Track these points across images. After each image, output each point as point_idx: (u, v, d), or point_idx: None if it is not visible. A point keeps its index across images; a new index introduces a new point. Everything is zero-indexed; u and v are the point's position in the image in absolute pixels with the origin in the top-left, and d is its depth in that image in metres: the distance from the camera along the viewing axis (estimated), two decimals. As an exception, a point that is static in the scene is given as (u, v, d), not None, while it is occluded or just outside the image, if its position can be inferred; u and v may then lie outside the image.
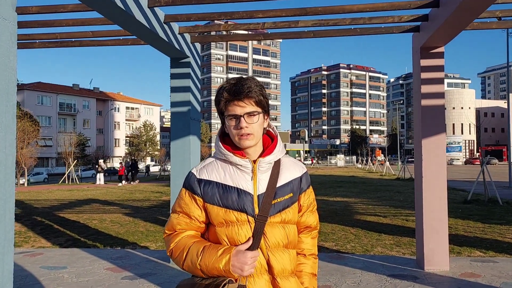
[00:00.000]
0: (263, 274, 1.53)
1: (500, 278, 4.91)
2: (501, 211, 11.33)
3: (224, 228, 1.54)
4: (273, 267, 1.55)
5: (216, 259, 1.47)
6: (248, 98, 1.54)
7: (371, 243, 7.51)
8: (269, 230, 1.55)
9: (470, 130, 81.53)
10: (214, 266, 1.46)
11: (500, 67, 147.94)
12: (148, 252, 6.68)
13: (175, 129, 5.87)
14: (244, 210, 1.53)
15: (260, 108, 1.57)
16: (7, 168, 2.44)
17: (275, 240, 1.55)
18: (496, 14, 4.93)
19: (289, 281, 1.57)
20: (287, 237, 1.59)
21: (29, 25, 4.95)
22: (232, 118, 1.55)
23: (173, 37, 5.23)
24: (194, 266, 1.50)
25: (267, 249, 1.54)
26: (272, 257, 1.55)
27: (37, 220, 10.89)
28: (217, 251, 1.48)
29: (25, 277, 5.18)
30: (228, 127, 1.58)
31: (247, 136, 1.54)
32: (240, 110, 1.53)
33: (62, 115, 66.11)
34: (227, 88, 1.55)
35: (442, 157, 5.39)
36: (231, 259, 1.46)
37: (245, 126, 1.53)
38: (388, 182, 24.14)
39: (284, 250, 1.58)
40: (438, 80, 5.41)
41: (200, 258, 1.48)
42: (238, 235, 1.52)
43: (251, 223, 1.53)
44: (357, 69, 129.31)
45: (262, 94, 1.57)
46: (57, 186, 28.18)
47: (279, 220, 1.57)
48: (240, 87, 1.53)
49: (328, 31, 5.43)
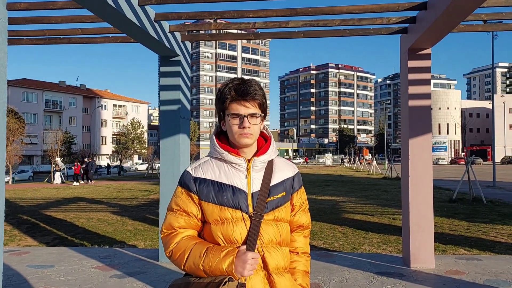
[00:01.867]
0: (258, 271, 1.57)
1: (483, 275, 5.03)
2: (485, 210, 11.56)
3: (219, 225, 1.58)
4: (268, 263, 1.59)
5: (219, 260, 1.49)
6: (253, 100, 1.60)
7: (359, 241, 7.61)
8: (263, 228, 1.59)
9: (456, 130, 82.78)
10: (217, 267, 1.49)
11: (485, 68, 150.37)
12: (136, 250, 6.66)
13: (165, 128, 5.86)
14: (238, 207, 1.57)
15: (261, 111, 1.63)
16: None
17: (268, 237, 1.60)
18: (481, 17, 5.04)
19: (283, 277, 1.61)
20: (280, 235, 1.63)
21: (17, 22, 4.89)
22: (235, 117, 1.59)
23: (163, 36, 5.22)
24: (196, 267, 1.52)
25: (261, 246, 1.58)
26: (267, 253, 1.59)
27: (23, 219, 10.76)
28: (220, 253, 1.51)
29: (12, 276, 5.12)
30: (229, 125, 1.62)
31: (247, 135, 1.59)
32: (244, 110, 1.59)
33: (47, 112, 65.16)
34: (233, 87, 1.60)
35: (428, 157, 5.49)
36: (234, 261, 1.49)
37: (247, 126, 1.58)
38: (375, 181, 24.40)
39: (278, 247, 1.63)
40: (425, 81, 5.51)
41: (203, 259, 1.51)
42: (233, 232, 1.56)
43: (245, 220, 1.57)
44: (345, 69, 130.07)
45: (264, 98, 1.64)
46: (43, 184, 27.83)
47: (272, 218, 1.62)
48: (247, 88, 1.59)
49: (318, 32, 5.48)
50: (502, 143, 78.52)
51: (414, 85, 5.48)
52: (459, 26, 5.10)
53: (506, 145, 79.48)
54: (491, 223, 9.43)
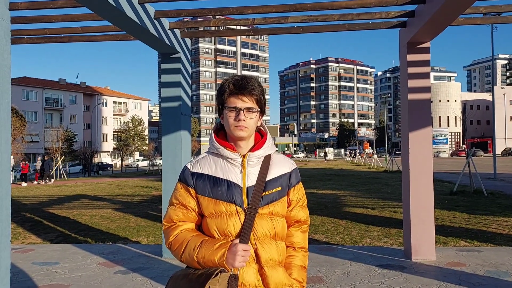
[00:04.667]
0: (251, 263, 1.62)
1: (484, 267, 5.08)
2: (486, 202, 11.60)
3: (214, 219, 1.63)
4: (260, 256, 1.63)
5: (212, 252, 1.56)
6: (251, 95, 1.65)
7: (360, 234, 7.66)
8: (257, 221, 1.63)
9: (456, 122, 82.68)
10: (209, 259, 1.55)
11: (485, 60, 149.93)
12: (140, 246, 6.72)
13: (166, 124, 5.89)
14: (233, 201, 1.62)
15: (258, 107, 1.69)
16: (3, 165, 2.46)
17: (262, 230, 1.64)
18: (480, 10, 5.05)
19: (276, 271, 1.65)
20: (274, 229, 1.67)
21: (17, 21, 4.91)
22: (232, 110, 1.65)
23: (163, 33, 5.24)
24: (191, 258, 1.59)
25: (255, 239, 1.63)
26: (260, 246, 1.63)
27: (26, 217, 10.82)
28: (213, 245, 1.57)
29: (17, 274, 5.18)
30: (226, 117, 1.67)
31: (242, 127, 1.64)
32: (241, 104, 1.64)
33: (48, 110, 65.16)
34: (233, 82, 1.66)
35: (428, 150, 5.52)
36: (226, 253, 1.54)
37: (243, 119, 1.63)
38: (376, 175, 24.44)
39: (272, 241, 1.66)
40: (425, 75, 5.53)
41: (198, 251, 1.58)
42: (227, 226, 1.61)
43: (240, 214, 1.62)
44: (345, 63, 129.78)
45: (262, 95, 1.70)
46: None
47: (267, 212, 1.66)
48: (246, 83, 1.65)
49: (317, 27, 5.49)
50: (503, 135, 78.48)
51: (413, 78, 5.51)
52: (458, 19, 5.11)
53: (506, 137, 79.46)
54: (491, 215, 9.47)
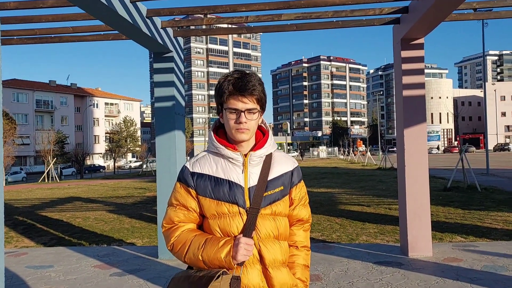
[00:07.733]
0: (255, 264, 1.58)
1: (481, 262, 5.09)
2: (479, 197, 11.68)
3: (217, 220, 1.59)
4: (264, 257, 1.59)
5: (217, 249, 1.51)
6: (251, 96, 1.59)
7: (356, 232, 7.66)
8: (260, 222, 1.59)
9: (448, 119, 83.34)
10: (215, 257, 1.51)
11: (476, 56, 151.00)
12: (135, 248, 6.66)
13: (159, 125, 5.83)
14: (235, 202, 1.58)
15: (259, 106, 1.62)
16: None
17: (266, 231, 1.60)
18: (472, 5, 5.06)
19: (280, 271, 1.62)
20: (277, 229, 1.63)
21: (6, 21, 4.83)
22: (232, 111, 1.59)
23: (155, 32, 5.18)
24: (196, 258, 1.54)
25: (258, 240, 1.59)
26: (263, 247, 1.59)
27: (18, 220, 10.70)
28: (218, 243, 1.53)
29: (11, 277, 5.10)
30: (226, 119, 1.61)
31: (243, 130, 1.59)
32: (242, 106, 1.58)
33: (39, 112, 64.55)
34: (232, 81, 1.59)
35: (423, 146, 5.52)
36: (232, 249, 1.50)
37: (244, 122, 1.57)
38: (370, 172, 24.54)
39: (275, 241, 1.63)
40: (419, 71, 5.53)
41: (202, 250, 1.53)
42: (230, 227, 1.57)
43: (242, 215, 1.58)
44: (337, 61, 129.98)
45: (263, 92, 1.63)
46: (37, 185, 27.66)
47: (270, 212, 1.62)
48: (246, 83, 1.58)
49: (311, 24, 5.47)
50: (494, 131, 79.25)
51: (408, 75, 5.50)
52: (451, 15, 5.11)
53: (498, 133, 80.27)
54: (486, 210, 9.53)
